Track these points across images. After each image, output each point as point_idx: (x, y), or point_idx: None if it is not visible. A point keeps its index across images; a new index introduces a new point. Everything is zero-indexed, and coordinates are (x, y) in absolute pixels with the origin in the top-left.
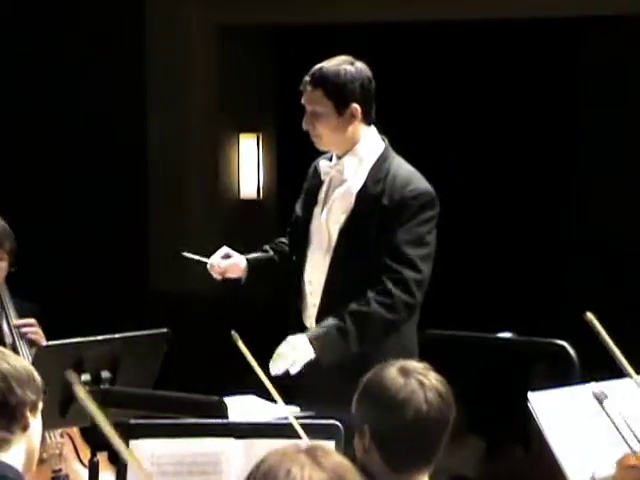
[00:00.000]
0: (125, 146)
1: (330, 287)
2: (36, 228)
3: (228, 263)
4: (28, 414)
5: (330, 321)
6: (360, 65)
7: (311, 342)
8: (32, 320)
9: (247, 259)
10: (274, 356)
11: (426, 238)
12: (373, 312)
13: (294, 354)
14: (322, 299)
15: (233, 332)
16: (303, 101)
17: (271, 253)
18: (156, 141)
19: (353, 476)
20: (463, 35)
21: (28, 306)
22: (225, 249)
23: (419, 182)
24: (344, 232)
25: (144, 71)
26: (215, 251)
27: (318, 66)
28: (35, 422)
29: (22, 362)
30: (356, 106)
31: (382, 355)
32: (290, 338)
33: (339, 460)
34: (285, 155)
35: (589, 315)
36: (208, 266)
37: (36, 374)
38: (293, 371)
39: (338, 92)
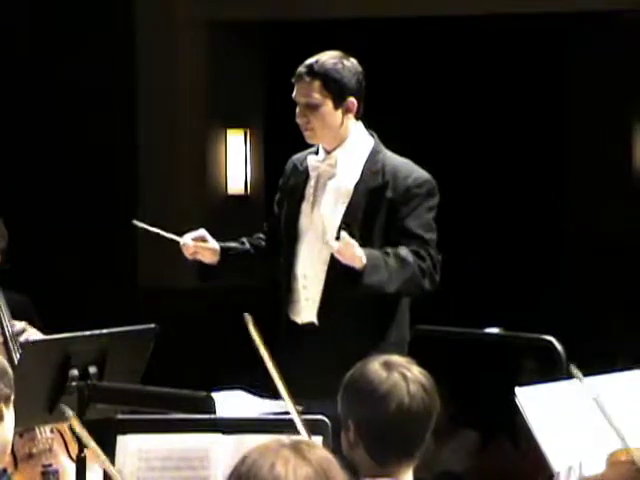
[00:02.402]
0: (114, 143)
1: (332, 279)
2: (27, 224)
3: (201, 245)
4: (2, 406)
5: (375, 252)
6: (354, 61)
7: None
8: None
9: (221, 247)
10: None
11: (433, 225)
12: (412, 263)
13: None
14: (324, 291)
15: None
16: (296, 93)
17: (247, 246)
18: (145, 137)
19: (337, 470)
20: (455, 30)
21: (18, 299)
22: (202, 231)
23: (419, 171)
24: (345, 225)
25: (133, 68)
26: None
27: (314, 59)
28: (8, 415)
29: None
30: (352, 100)
31: (380, 348)
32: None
33: (323, 454)
34: (273, 151)
35: None
36: (181, 243)
37: (7, 365)
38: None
39: (337, 84)
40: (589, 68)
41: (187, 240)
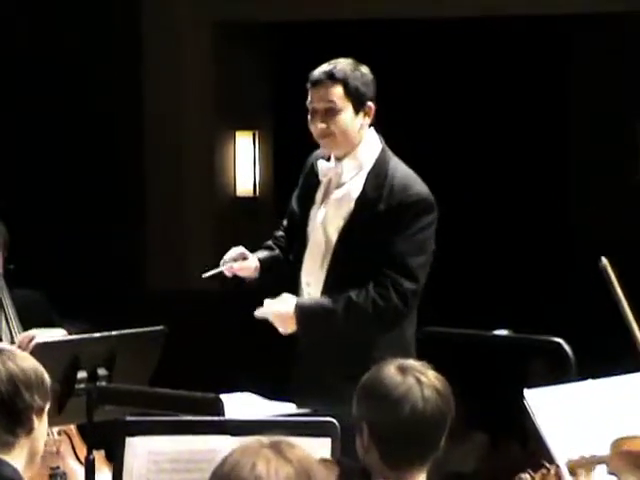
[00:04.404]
0: (122, 144)
1: (328, 291)
2: (34, 226)
3: (242, 265)
4: (34, 417)
5: (322, 300)
6: (367, 68)
7: (297, 308)
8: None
9: (259, 259)
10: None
11: (425, 245)
12: (366, 309)
13: (277, 306)
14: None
15: None
16: (313, 99)
17: (277, 251)
18: (153, 139)
19: (318, 469)
20: (458, 32)
21: (31, 295)
22: (240, 249)
23: (416, 187)
24: (343, 237)
25: (141, 69)
26: (215, 250)
27: (331, 64)
28: (41, 425)
29: (31, 363)
30: (371, 104)
31: (380, 354)
32: (284, 297)
33: (304, 454)
34: (281, 152)
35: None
36: (224, 269)
37: (46, 376)
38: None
39: (358, 89)
40: (591, 70)
41: (230, 263)
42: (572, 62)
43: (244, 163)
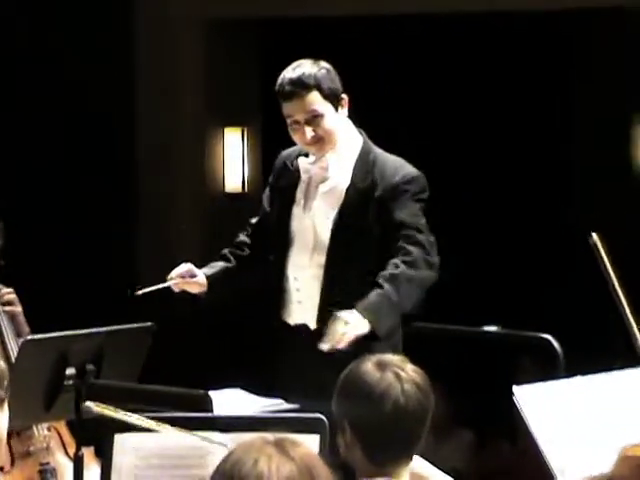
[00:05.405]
0: (113, 142)
1: (330, 283)
2: (22, 227)
3: (188, 281)
4: None
5: (372, 294)
6: (325, 62)
7: (363, 315)
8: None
9: (207, 276)
10: (329, 333)
11: (420, 212)
12: (401, 272)
13: (349, 328)
14: (322, 295)
15: None
16: (292, 110)
17: (231, 263)
18: (143, 137)
19: (321, 467)
20: (457, 28)
21: None
22: (188, 265)
23: (408, 168)
24: (337, 226)
25: (132, 67)
26: (203, 246)
27: (295, 70)
28: (2, 415)
29: None
30: (344, 97)
31: (374, 349)
32: (341, 315)
33: (307, 451)
34: (270, 149)
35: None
36: (168, 283)
37: (2, 363)
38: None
39: (332, 89)
40: (593, 70)
41: (175, 279)
42: (573, 61)
43: (233, 159)
